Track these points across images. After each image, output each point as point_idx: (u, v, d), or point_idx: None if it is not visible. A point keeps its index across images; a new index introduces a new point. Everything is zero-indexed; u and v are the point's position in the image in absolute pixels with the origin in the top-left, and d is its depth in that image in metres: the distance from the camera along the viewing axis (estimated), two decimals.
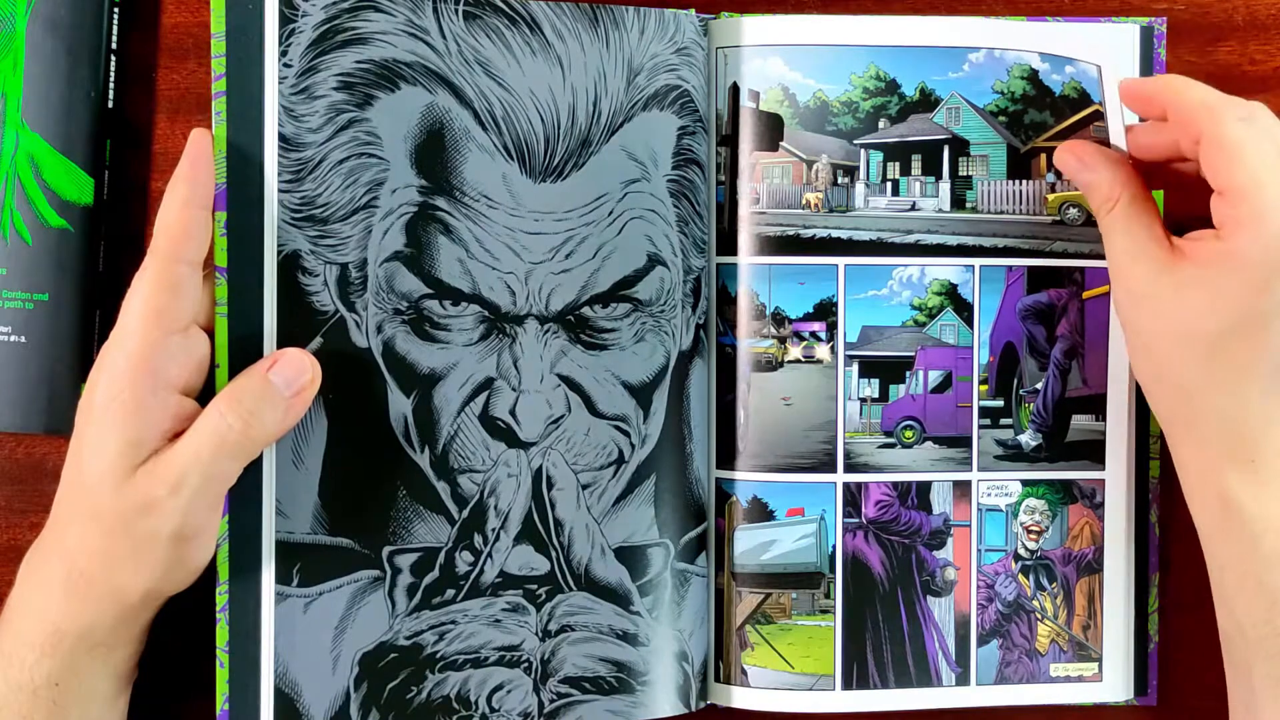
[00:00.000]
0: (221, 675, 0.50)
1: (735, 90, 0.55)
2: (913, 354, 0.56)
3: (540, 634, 0.53)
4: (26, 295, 0.54)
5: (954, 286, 0.55)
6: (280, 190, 0.50)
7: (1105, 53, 0.55)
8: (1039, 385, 0.56)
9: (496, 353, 0.52)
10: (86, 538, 0.47)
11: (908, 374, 0.56)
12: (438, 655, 0.52)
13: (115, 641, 0.48)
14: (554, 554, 0.53)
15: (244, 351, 0.49)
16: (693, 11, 0.54)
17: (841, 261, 0.55)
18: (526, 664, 0.52)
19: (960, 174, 0.55)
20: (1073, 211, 0.55)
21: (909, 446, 0.56)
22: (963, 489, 0.56)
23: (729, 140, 0.55)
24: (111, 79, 0.55)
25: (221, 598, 0.50)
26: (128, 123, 0.57)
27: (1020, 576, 0.56)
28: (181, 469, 0.46)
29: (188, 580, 0.49)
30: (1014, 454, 0.56)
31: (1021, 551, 0.56)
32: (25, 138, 0.54)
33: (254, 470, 0.50)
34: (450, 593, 0.52)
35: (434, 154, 0.51)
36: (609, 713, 0.53)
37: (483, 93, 0.51)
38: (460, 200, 0.51)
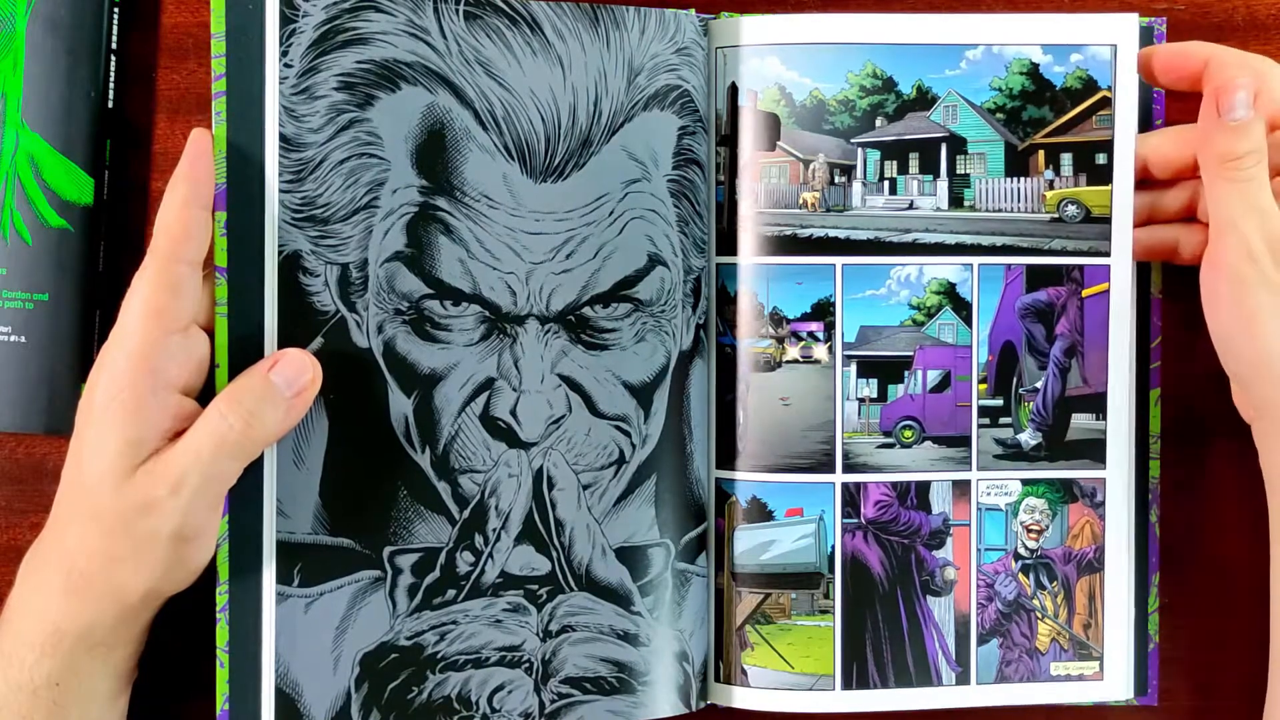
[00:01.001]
0: (221, 675, 0.50)
1: (734, 90, 0.55)
2: (911, 353, 0.56)
3: (541, 634, 0.52)
4: (26, 295, 0.54)
5: (952, 285, 0.56)
6: (281, 190, 0.50)
7: (1115, 39, 0.55)
8: (1038, 384, 0.56)
9: (497, 353, 0.52)
10: (86, 538, 0.47)
11: (906, 374, 0.56)
12: (439, 655, 0.52)
13: (115, 641, 0.48)
14: (555, 554, 0.53)
15: (244, 351, 0.49)
16: (693, 11, 0.54)
17: (839, 261, 0.55)
18: (527, 664, 0.52)
19: (958, 172, 0.55)
20: (1071, 209, 0.55)
21: (908, 446, 0.56)
22: (962, 488, 0.56)
23: (728, 140, 0.55)
24: (111, 79, 0.56)
25: (222, 598, 0.50)
26: (128, 123, 0.57)
27: (1020, 575, 0.56)
28: (181, 469, 0.46)
29: (188, 580, 0.49)
30: (1014, 453, 0.56)
31: (1021, 551, 0.56)
32: (25, 138, 0.54)
33: (254, 470, 0.50)
34: (451, 593, 0.52)
35: (435, 154, 0.51)
36: (610, 713, 0.53)
37: (483, 93, 0.51)
38: (461, 200, 0.52)
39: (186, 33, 0.57)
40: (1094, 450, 0.56)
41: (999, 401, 0.56)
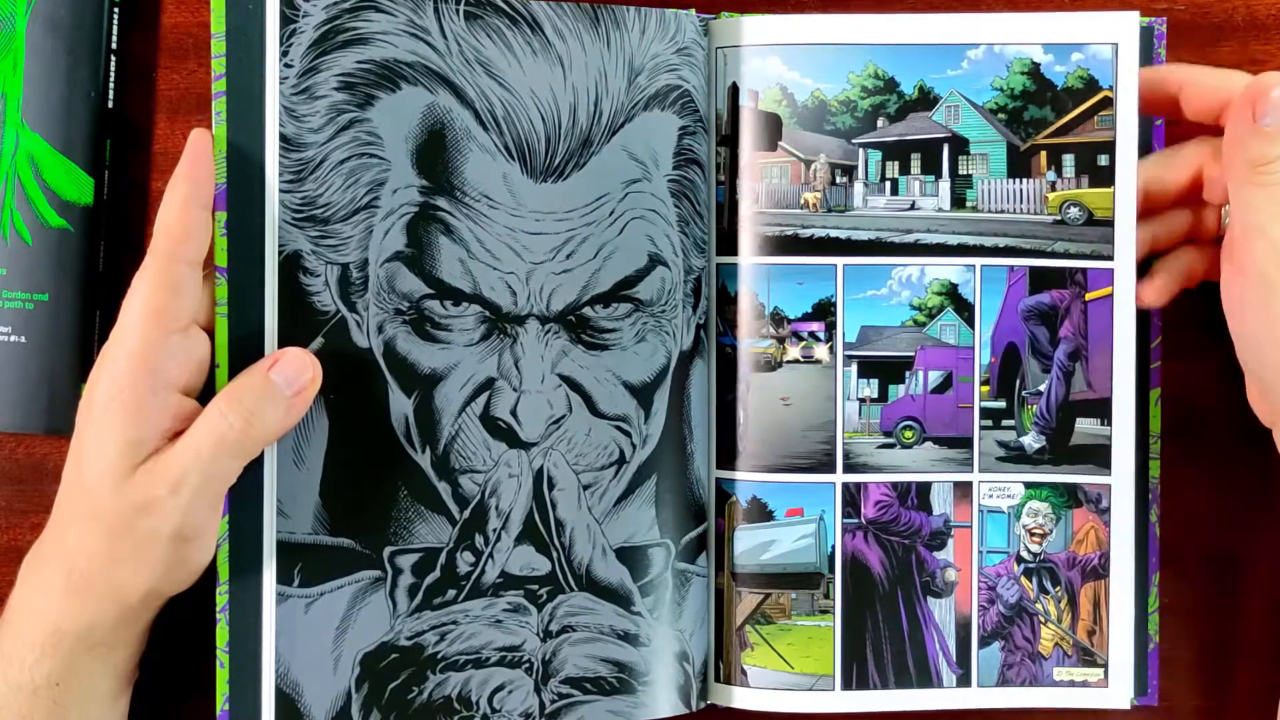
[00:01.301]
0: (221, 675, 0.50)
1: (735, 90, 0.55)
2: (912, 354, 0.56)
3: (541, 634, 0.52)
4: (26, 295, 0.54)
5: (954, 286, 0.55)
6: (281, 190, 0.50)
7: (1116, 37, 0.55)
8: (1042, 387, 0.56)
9: (497, 353, 0.52)
10: (87, 538, 0.47)
11: (907, 374, 0.56)
12: (439, 656, 0.52)
13: (115, 641, 0.48)
14: (555, 554, 0.53)
15: (244, 351, 0.49)
16: (693, 11, 0.54)
17: (840, 261, 0.55)
18: (528, 664, 0.52)
19: (960, 173, 0.55)
20: (1073, 211, 0.55)
21: (908, 447, 0.56)
22: (963, 490, 0.56)
23: (729, 140, 0.55)
24: (111, 79, 0.56)
25: (222, 598, 0.50)
26: (128, 123, 0.57)
27: (1023, 579, 0.56)
28: (182, 468, 0.46)
29: (188, 580, 0.49)
30: (1016, 456, 0.56)
31: (1024, 554, 0.56)
32: (25, 138, 0.54)
33: (255, 470, 0.50)
34: (451, 593, 0.52)
35: (435, 154, 0.51)
36: (610, 713, 0.53)
37: (483, 93, 0.51)
38: (461, 200, 0.51)
39: (186, 33, 0.57)
40: (1099, 456, 0.55)
41: (1001, 404, 0.56)
